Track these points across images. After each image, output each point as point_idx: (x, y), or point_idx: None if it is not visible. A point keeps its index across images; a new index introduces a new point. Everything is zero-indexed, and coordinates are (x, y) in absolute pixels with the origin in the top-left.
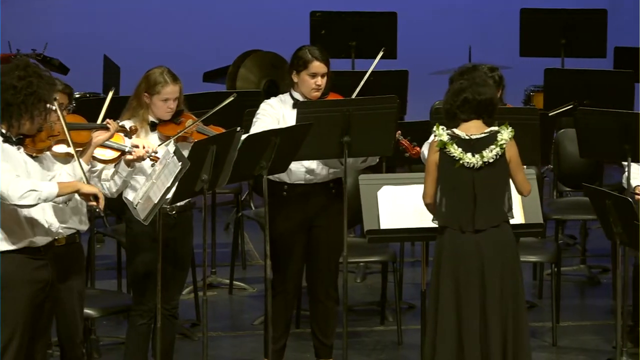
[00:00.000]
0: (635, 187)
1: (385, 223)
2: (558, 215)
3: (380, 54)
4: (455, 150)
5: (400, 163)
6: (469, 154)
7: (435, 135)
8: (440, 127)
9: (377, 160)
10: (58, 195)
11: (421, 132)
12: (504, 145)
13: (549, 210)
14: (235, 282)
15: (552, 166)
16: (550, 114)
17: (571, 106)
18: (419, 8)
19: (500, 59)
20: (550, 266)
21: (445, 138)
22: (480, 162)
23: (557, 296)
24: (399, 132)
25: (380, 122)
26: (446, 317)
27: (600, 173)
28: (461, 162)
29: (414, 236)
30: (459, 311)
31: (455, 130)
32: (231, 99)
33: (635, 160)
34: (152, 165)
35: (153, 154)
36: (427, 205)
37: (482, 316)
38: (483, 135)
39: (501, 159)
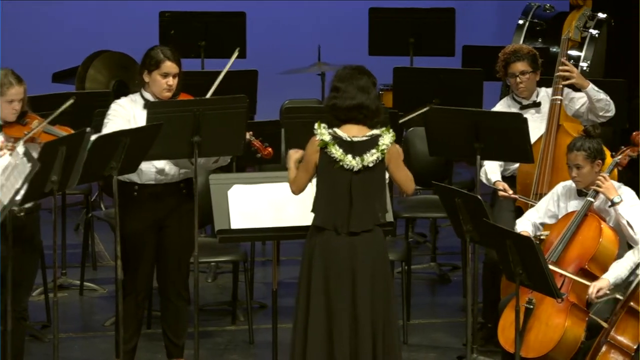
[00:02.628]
0: (495, 182)
1: (236, 223)
2: (408, 213)
3: (235, 54)
4: (337, 151)
5: (250, 163)
6: (349, 156)
7: (316, 134)
8: (322, 125)
9: (229, 160)
10: None
11: (271, 132)
12: (385, 151)
13: (399, 208)
14: (85, 283)
15: None
16: (400, 121)
17: (426, 109)
18: (267, 7)
19: (349, 58)
20: (400, 264)
21: (327, 138)
22: (360, 166)
23: (407, 294)
24: (251, 132)
25: (230, 121)
26: (317, 316)
27: (450, 171)
28: (341, 163)
29: (265, 235)
30: (329, 311)
31: (337, 130)
32: (70, 101)
33: (485, 158)
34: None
35: (10, 143)
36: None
37: (352, 317)
38: (365, 138)
39: (380, 163)
